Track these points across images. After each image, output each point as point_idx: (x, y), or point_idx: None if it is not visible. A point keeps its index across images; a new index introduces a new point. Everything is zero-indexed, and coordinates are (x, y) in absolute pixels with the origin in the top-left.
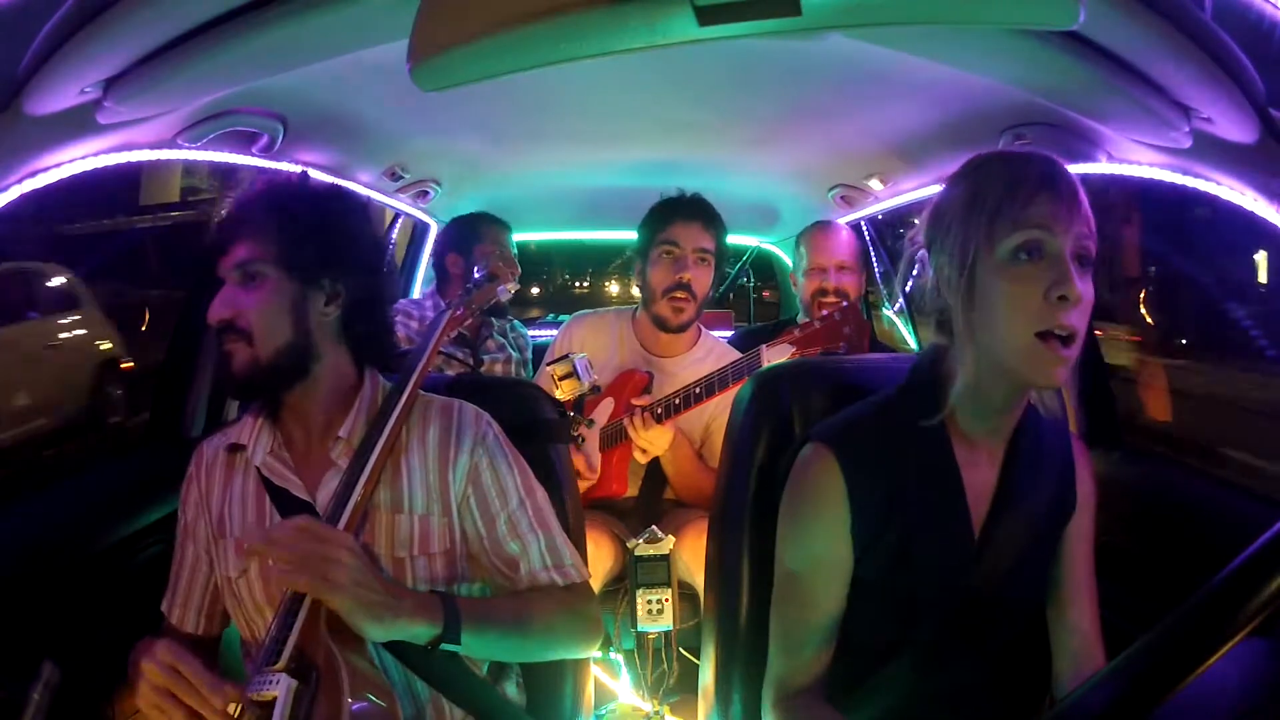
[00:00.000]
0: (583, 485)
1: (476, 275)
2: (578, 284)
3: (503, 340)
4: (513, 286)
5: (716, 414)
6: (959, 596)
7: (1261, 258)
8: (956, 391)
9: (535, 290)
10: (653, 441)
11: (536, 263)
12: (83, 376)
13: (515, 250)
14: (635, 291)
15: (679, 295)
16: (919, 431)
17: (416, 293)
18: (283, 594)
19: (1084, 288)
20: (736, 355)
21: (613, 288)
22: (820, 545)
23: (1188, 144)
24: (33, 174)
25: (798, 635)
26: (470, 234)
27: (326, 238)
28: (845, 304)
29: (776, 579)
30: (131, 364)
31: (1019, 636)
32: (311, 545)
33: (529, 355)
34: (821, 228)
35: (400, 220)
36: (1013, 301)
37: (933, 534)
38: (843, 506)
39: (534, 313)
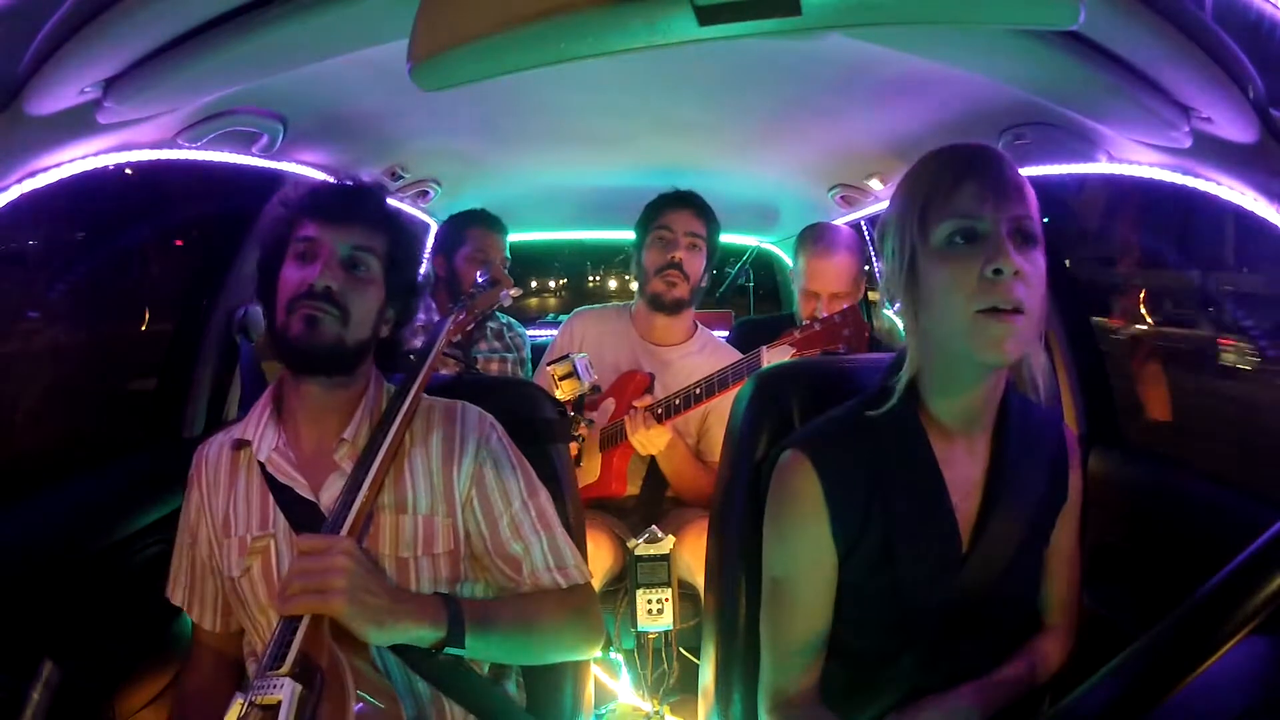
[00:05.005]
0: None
1: (480, 280)
2: (591, 279)
3: (496, 343)
4: (515, 292)
5: (713, 407)
6: (950, 594)
7: None
8: (925, 384)
9: (553, 284)
10: (650, 440)
11: (563, 260)
12: None
13: (508, 251)
14: (633, 287)
15: (670, 272)
16: (896, 430)
17: None
18: None
19: (1025, 263)
20: (732, 350)
21: (611, 283)
22: (803, 551)
23: (1188, 144)
24: (32, 174)
25: (788, 641)
26: (455, 237)
27: (414, 269)
28: (845, 306)
29: (764, 587)
30: None
31: (1018, 630)
32: (307, 562)
33: (526, 354)
34: (821, 250)
35: None
36: (950, 283)
37: (916, 533)
38: (822, 512)
39: (552, 301)
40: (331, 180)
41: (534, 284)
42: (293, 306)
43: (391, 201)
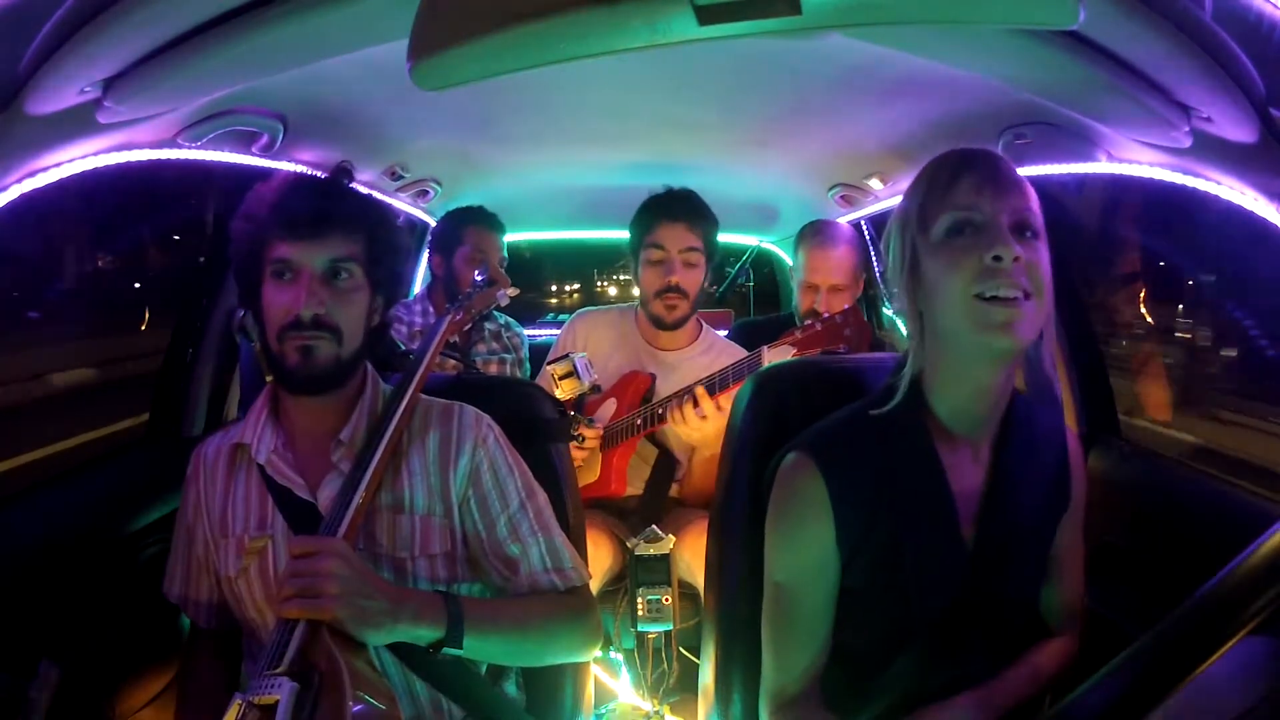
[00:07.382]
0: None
1: (478, 279)
2: (598, 284)
3: (494, 344)
4: (513, 291)
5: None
6: (953, 597)
7: None
8: (929, 384)
9: (568, 287)
10: (709, 419)
11: (576, 266)
12: None
13: (505, 252)
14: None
15: (670, 296)
16: (901, 433)
17: (416, 289)
18: None
19: (1025, 251)
20: (738, 350)
21: (611, 290)
22: (807, 555)
23: (1188, 144)
24: (32, 174)
25: (790, 644)
26: (452, 235)
27: (396, 256)
28: (846, 306)
29: (766, 589)
30: None
31: (1020, 633)
32: (301, 566)
33: (525, 354)
34: (820, 242)
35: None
36: (950, 271)
37: (920, 536)
38: (827, 515)
39: (568, 301)
40: (292, 176)
41: (553, 287)
42: (284, 337)
43: (359, 186)
